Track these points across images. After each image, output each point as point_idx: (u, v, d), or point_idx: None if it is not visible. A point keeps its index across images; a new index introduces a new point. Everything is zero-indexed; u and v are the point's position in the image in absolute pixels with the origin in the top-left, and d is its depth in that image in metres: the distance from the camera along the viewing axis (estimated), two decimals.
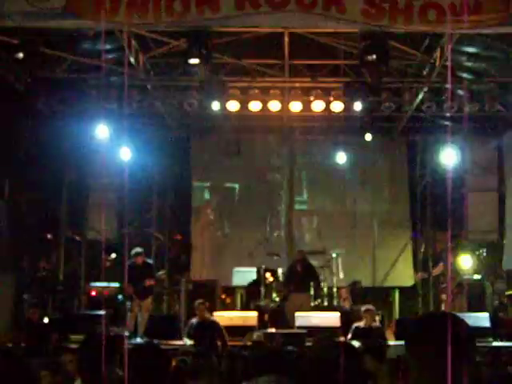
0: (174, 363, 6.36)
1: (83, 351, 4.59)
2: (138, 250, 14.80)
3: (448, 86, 14.70)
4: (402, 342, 13.33)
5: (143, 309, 14.33)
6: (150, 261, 15.30)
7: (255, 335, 12.75)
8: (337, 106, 15.23)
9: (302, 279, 15.03)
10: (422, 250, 18.05)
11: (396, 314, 16.00)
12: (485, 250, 17.83)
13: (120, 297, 15.42)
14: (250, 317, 14.03)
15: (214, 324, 12.67)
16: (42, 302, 14.65)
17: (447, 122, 17.02)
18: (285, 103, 15.39)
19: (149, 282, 14.39)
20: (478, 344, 2.44)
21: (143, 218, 18.29)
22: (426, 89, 14.82)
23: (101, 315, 13.75)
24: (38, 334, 12.36)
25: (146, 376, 4.03)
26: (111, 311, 14.58)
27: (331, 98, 15.18)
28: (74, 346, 11.70)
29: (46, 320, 13.95)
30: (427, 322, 2.29)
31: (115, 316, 14.52)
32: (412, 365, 2.21)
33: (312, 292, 15.04)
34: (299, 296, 14.89)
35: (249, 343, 12.39)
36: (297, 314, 14.12)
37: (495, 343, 13.26)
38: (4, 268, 14.84)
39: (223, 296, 16.63)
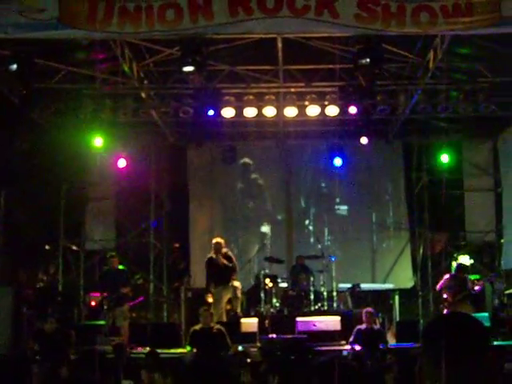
0: None
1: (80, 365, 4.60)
2: (112, 253, 14.80)
3: (442, 87, 14.74)
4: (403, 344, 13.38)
5: (121, 317, 14.18)
6: (122, 267, 15.10)
7: (240, 347, 12.71)
8: (332, 110, 15.27)
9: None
10: (421, 251, 18.05)
11: (396, 316, 15.97)
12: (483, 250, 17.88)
13: None
14: (251, 323, 14.01)
15: (218, 331, 12.65)
16: (41, 313, 14.58)
17: (442, 124, 17.06)
18: (280, 109, 15.42)
19: (125, 290, 14.32)
20: None
21: (141, 226, 18.26)
22: (420, 91, 14.84)
23: (101, 326, 13.70)
24: (51, 344, 12.28)
25: None
26: (111, 320, 14.51)
27: (326, 103, 15.22)
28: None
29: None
30: (442, 323, 2.30)
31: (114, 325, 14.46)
32: (427, 364, 2.22)
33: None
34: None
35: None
36: (298, 319, 14.12)
37: (496, 342, 13.26)
38: (2, 280, 14.81)
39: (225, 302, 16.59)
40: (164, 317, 17.78)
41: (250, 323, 14.00)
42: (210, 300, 14.25)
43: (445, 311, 14.27)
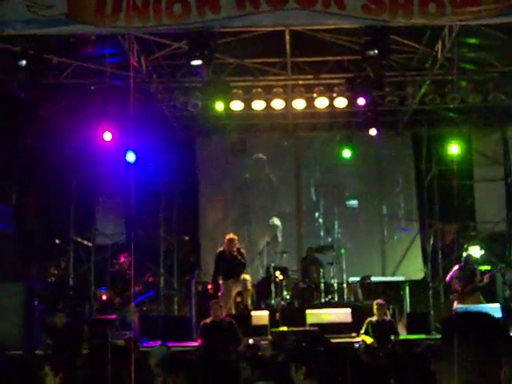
0: None
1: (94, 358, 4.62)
2: (122, 256, 14.77)
3: (451, 77, 14.69)
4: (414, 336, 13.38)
5: (130, 312, 14.21)
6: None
7: (251, 340, 12.72)
8: (340, 102, 15.28)
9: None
10: (431, 242, 18.03)
11: (407, 308, 15.98)
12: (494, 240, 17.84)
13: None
14: (262, 316, 14.04)
15: (229, 324, 12.67)
16: (53, 308, 14.65)
17: (451, 114, 17.02)
18: (288, 101, 15.42)
19: (137, 289, 14.36)
20: None
21: (151, 221, 18.30)
22: (428, 81, 14.81)
23: (112, 320, 13.76)
24: (63, 338, 12.34)
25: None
26: (122, 315, 14.55)
27: (334, 94, 15.22)
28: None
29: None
30: (463, 321, 2.27)
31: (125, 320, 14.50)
32: (445, 363, 2.19)
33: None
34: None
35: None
36: (308, 311, 14.14)
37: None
38: (13, 275, 14.86)
39: (234, 295, 16.62)
40: (175, 310, 17.84)
41: (260, 316, 14.03)
42: (224, 293, 14.30)
43: (455, 303, 14.27)
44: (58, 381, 5.58)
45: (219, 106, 15.10)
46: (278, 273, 15.39)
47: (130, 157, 16.38)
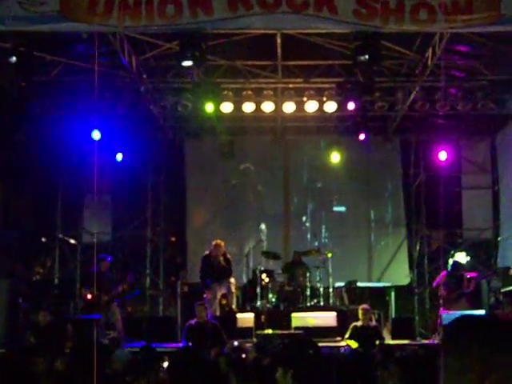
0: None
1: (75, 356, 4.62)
2: (103, 256, 14.72)
3: (440, 84, 14.75)
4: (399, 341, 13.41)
5: (114, 312, 14.21)
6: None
7: (235, 342, 12.72)
8: (330, 106, 15.30)
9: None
10: (418, 248, 18.08)
11: (392, 313, 16.01)
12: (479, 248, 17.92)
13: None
14: (247, 318, 14.04)
15: (213, 325, 12.67)
16: (37, 306, 14.60)
17: (440, 121, 17.08)
18: (278, 104, 15.43)
19: (121, 289, 14.36)
20: None
21: (138, 220, 18.27)
22: (418, 88, 14.86)
23: (97, 319, 13.70)
24: (47, 337, 12.30)
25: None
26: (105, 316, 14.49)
27: (324, 98, 15.23)
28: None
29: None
30: (466, 323, 2.26)
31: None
32: (448, 365, 2.18)
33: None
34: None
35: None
36: (293, 314, 14.15)
37: None
38: None
39: (219, 297, 16.60)
40: (160, 311, 17.80)
41: (246, 318, 14.03)
42: (209, 296, 14.30)
43: (441, 308, 14.32)
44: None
45: (209, 107, 15.08)
46: (264, 275, 15.39)
47: (119, 156, 16.35)
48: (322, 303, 15.55)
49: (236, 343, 12.42)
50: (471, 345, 2.12)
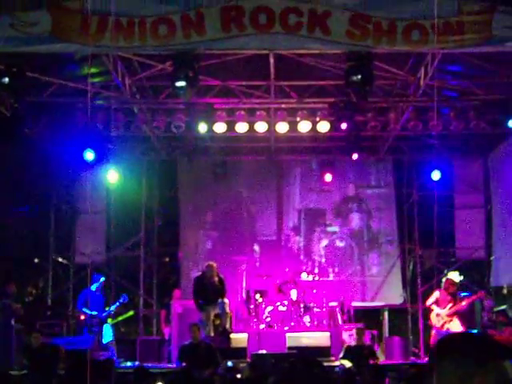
0: None
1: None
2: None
3: (433, 104, 14.79)
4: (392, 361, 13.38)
5: (107, 333, 14.28)
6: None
7: (229, 362, 12.68)
8: (323, 126, 15.30)
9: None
10: (411, 267, 18.08)
11: (386, 333, 15.98)
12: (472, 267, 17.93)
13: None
14: (241, 338, 14.00)
15: (207, 346, 12.62)
16: (29, 327, 14.52)
17: (433, 141, 17.11)
18: (271, 124, 15.45)
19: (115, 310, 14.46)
20: None
21: (131, 241, 18.23)
22: (411, 108, 14.90)
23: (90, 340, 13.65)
24: (39, 359, 12.23)
25: None
26: (100, 335, 14.45)
27: (317, 119, 15.25)
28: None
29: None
30: (455, 341, 2.28)
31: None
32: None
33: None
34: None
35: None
36: (287, 334, 14.11)
37: None
38: None
39: (213, 317, 16.54)
40: (153, 331, 17.71)
41: (239, 338, 13.99)
42: (203, 317, 14.28)
43: (434, 328, 14.30)
44: None
45: (202, 127, 15.08)
46: (257, 296, 15.36)
47: (112, 176, 16.33)
48: (315, 323, 15.51)
49: (230, 363, 12.38)
50: (451, 365, 2.14)
